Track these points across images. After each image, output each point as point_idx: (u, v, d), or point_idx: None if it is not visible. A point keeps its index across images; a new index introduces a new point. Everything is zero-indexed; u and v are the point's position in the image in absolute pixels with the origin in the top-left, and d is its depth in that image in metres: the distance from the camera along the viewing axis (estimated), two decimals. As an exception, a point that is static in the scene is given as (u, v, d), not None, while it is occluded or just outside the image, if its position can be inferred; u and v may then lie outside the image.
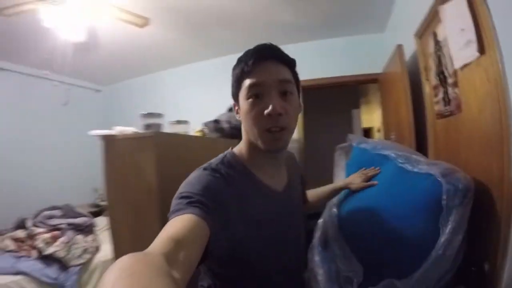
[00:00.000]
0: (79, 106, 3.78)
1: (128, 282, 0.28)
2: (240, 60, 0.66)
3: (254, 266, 0.63)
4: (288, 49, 0.62)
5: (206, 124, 2.37)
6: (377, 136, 6.13)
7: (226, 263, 0.61)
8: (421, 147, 1.55)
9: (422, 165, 1.04)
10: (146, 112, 1.85)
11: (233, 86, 0.69)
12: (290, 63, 0.66)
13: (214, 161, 0.68)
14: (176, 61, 3.55)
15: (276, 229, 0.67)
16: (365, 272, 1.08)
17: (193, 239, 0.44)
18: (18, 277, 2.11)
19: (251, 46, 0.65)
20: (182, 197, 0.53)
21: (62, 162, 3.63)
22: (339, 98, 4.09)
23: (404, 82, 1.65)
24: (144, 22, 2.15)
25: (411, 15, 1.65)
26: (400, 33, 2.01)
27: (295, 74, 0.67)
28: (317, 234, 1.26)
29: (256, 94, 0.62)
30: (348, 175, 1.48)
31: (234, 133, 2.23)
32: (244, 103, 0.64)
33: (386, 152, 1.23)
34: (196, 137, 2.13)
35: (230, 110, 2.48)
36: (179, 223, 0.46)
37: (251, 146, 0.69)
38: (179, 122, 2.08)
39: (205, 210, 0.50)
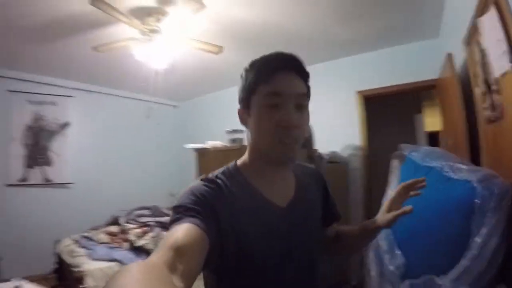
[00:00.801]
0: (158, 120, 4.48)
1: None
2: (257, 66, 0.65)
3: (247, 282, 0.61)
4: (346, 62, 0.63)
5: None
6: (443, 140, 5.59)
7: (225, 273, 0.60)
8: (475, 151, 1.52)
9: (463, 173, 1.11)
10: (230, 129, 2.29)
11: (244, 90, 0.67)
12: (307, 77, 0.66)
13: (216, 171, 0.67)
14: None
15: (274, 245, 0.62)
16: (409, 267, 1.18)
17: (192, 247, 0.45)
18: (112, 264, 2.57)
19: (313, 63, 0.65)
20: (178, 207, 0.55)
21: (144, 169, 4.28)
22: (400, 104, 3.97)
23: (456, 90, 1.64)
24: (219, 50, 2.42)
25: (459, 22, 1.66)
26: (452, 39, 1.99)
27: (308, 88, 0.67)
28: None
29: (274, 103, 0.61)
30: (402, 180, 1.56)
31: (303, 143, 2.49)
32: (258, 110, 0.63)
33: (432, 164, 1.31)
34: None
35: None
36: (177, 232, 0.47)
37: (257, 156, 0.67)
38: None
39: (200, 219, 0.52)
